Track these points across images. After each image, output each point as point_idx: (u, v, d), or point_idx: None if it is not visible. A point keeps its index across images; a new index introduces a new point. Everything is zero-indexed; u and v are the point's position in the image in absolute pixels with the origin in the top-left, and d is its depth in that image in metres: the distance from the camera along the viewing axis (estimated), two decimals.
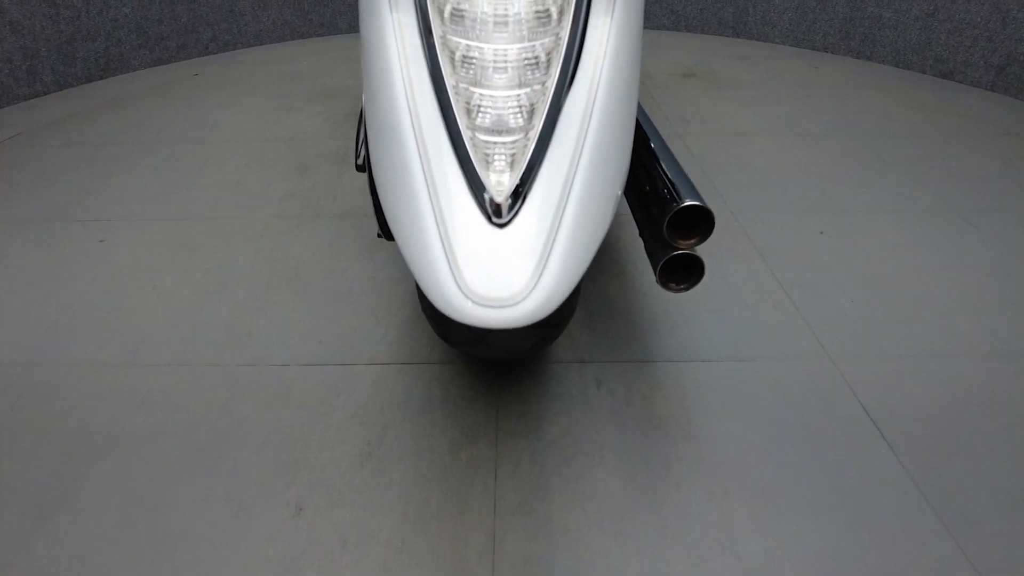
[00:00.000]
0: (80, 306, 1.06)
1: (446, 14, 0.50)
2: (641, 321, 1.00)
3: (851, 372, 0.91)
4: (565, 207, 0.45)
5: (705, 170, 1.52)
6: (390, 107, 0.50)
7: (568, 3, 0.52)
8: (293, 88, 2.14)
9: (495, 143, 0.46)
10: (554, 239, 0.44)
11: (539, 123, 0.47)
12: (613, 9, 0.55)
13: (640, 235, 0.74)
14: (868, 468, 0.77)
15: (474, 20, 0.50)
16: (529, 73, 0.49)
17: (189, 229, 1.28)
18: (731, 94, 2.04)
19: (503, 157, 0.45)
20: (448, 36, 0.50)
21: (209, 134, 1.75)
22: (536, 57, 0.49)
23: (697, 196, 0.69)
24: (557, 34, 0.51)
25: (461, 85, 0.49)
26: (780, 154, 1.61)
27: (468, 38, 0.50)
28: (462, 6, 0.50)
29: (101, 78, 2.30)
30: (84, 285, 1.12)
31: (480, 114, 0.47)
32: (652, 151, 0.76)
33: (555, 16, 0.51)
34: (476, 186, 0.45)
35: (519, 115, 0.47)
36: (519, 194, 0.44)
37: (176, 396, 0.87)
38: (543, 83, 0.49)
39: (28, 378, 0.91)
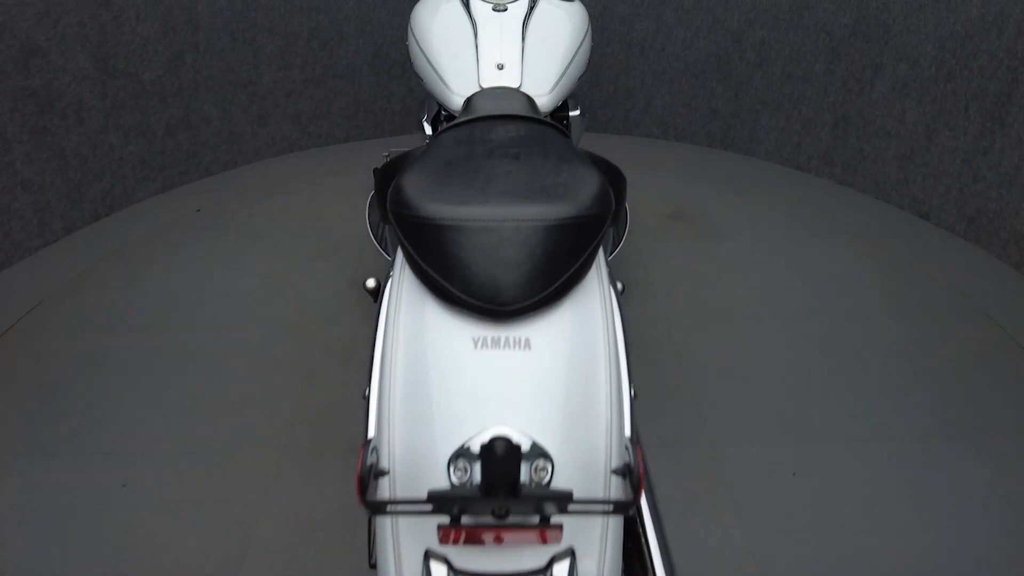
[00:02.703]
0: None
1: None
2: None
3: None
4: None
5: (688, 372, 1.62)
6: None
7: None
8: (295, 235, 2.22)
9: None
10: None
11: None
12: None
13: None
14: None
15: None
16: None
17: (205, 468, 1.37)
18: (715, 249, 2.14)
19: None
20: None
21: (216, 315, 1.83)
22: None
23: None
24: None
25: None
26: (761, 346, 1.71)
27: None
28: None
29: (108, 215, 2.38)
30: (109, 550, 1.21)
31: None
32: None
33: None
34: None
35: None
36: None
37: None
38: None
39: None
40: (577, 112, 1.50)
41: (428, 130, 1.48)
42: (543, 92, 1.26)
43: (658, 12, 2.73)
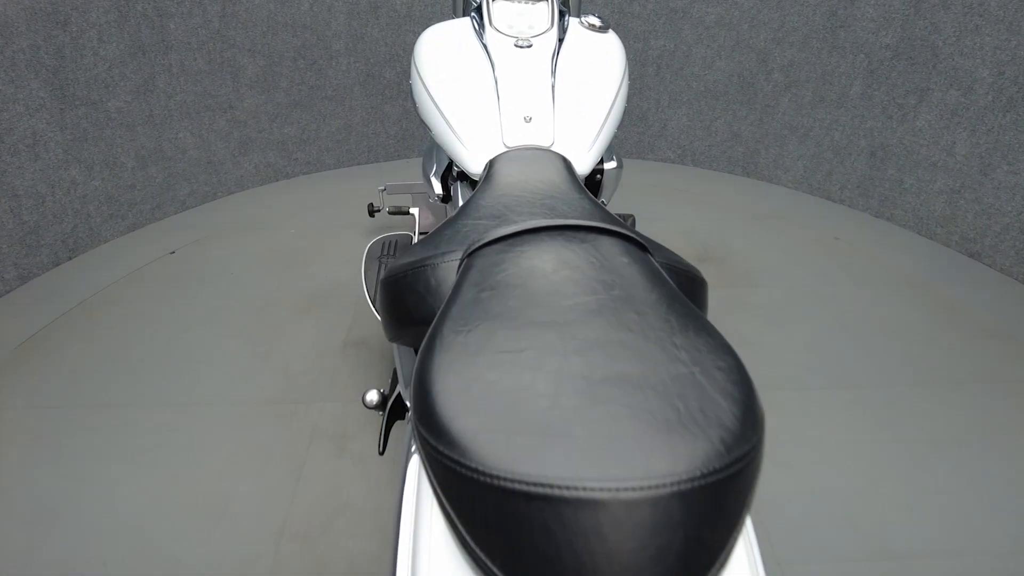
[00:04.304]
0: None
1: None
2: None
3: None
4: None
5: None
6: None
7: None
8: (279, 283, 1.97)
9: None
10: None
11: None
12: None
13: None
14: None
15: None
16: None
17: None
18: (751, 299, 1.91)
19: None
20: None
21: (188, 388, 1.59)
22: None
23: None
24: None
25: None
26: (819, 429, 1.49)
27: None
28: None
29: (70, 259, 2.12)
30: None
31: None
32: None
33: None
34: None
35: None
36: None
37: None
38: None
39: None
40: (613, 164, 1.27)
41: (437, 188, 1.24)
42: (581, 151, 1.03)
43: (676, 29, 2.51)
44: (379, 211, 2.20)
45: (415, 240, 1.67)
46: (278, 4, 2.33)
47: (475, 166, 1.01)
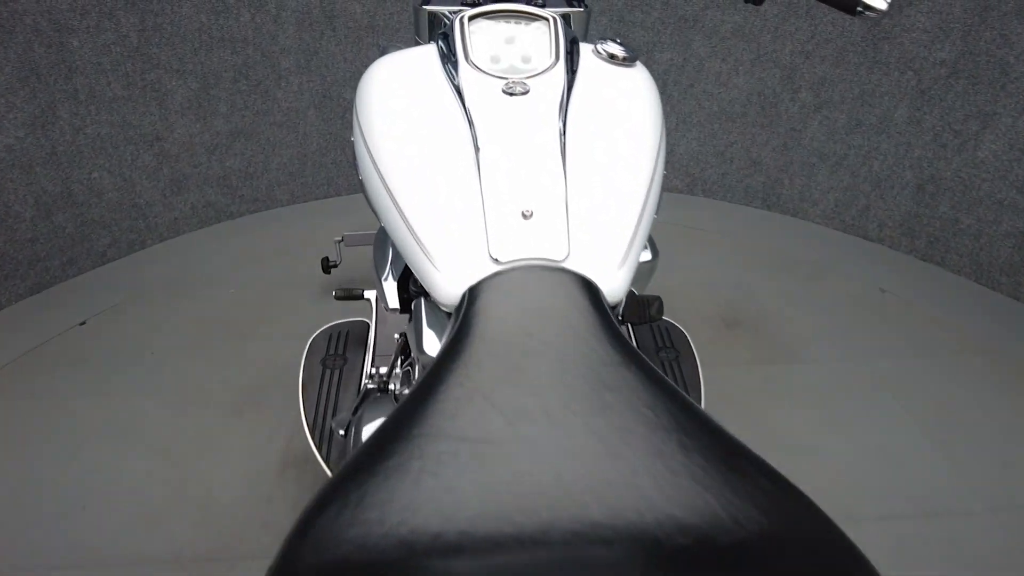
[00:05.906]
0: None
1: None
2: None
3: None
4: None
5: None
6: None
7: None
8: (208, 370, 1.58)
9: None
10: None
11: None
12: None
13: None
14: None
15: None
16: None
17: None
18: (795, 380, 1.55)
19: None
20: None
21: (78, 533, 1.19)
22: None
23: None
24: None
25: None
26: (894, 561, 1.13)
27: None
28: None
29: None
30: None
31: None
32: None
33: None
34: None
35: None
36: None
37: None
38: None
39: None
40: (647, 255, 0.90)
41: (392, 299, 0.86)
42: (610, 265, 0.64)
43: (686, 40, 2.14)
44: (335, 266, 1.81)
45: (372, 330, 1.29)
46: (212, 15, 1.93)
47: (447, 297, 0.63)
